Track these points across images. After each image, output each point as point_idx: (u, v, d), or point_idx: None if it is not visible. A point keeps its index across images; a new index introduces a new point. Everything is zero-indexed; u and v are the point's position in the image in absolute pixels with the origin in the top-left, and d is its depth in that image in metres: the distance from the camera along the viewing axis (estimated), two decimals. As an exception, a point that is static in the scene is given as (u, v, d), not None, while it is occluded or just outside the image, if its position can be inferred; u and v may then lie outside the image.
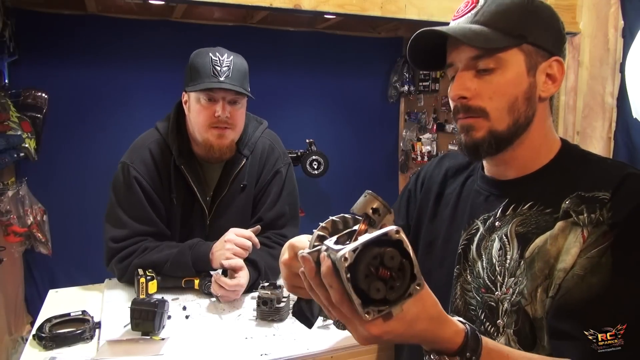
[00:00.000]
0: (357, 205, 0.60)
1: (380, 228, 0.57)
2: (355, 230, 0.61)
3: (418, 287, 0.55)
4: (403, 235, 0.55)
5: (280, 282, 1.48)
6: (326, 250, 0.58)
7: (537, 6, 0.82)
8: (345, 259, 0.53)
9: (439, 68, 0.90)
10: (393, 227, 0.55)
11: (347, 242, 0.58)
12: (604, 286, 0.71)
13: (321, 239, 0.63)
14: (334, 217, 0.65)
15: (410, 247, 0.55)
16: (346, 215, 0.65)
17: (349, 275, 0.53)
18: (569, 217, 0.77)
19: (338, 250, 0.55)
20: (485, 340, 0.65)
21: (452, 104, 0.86)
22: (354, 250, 0.53)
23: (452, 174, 1.01)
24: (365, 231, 0.59)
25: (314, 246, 0.63)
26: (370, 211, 0.59)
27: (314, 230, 0.66)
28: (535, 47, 0.81)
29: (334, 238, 0.61)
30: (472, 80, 0.82)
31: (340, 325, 0.64)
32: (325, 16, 2.65)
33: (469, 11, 0.83)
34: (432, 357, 0.63)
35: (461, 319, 0.67)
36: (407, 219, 1.06)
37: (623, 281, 0.70)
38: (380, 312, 0.54)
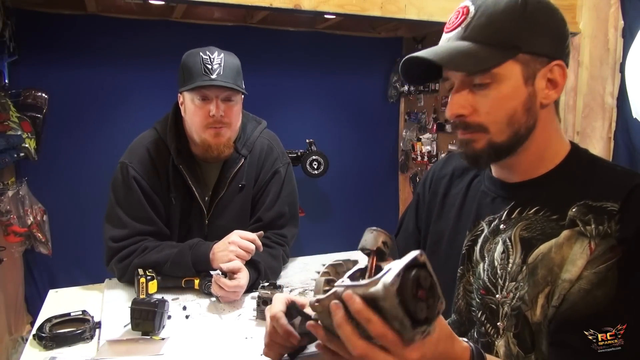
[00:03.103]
0: (367, 241, 0.61)
1: (387, 260, 0.59)
2: (364, 267, 0.61)
3: (442, 305, 0.56)
4: (426, 258, 0.56)
5: (280, 282, 1.48)
6: (348, 288, 0.57)
7: (531, 12, 0.77)
8: (392, 284, 0.53)
9: (434, 80, 0.89)
10: (417, 252, 0.55)
11: (361, 279, 0.59)
12: (608, 299, 0.70)
13: (330, 282, 0.64)
14: (332, 262, 0.66)
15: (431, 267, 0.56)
16: (342, 260, 0.66)
17: (399, 299, 0.53)
18: (575, 225, 0.76)
19: (368, 284, 0.55)
20: (490, 357, 0.66)
21: (450, 119, 0.84)
22: (398, 275, 0.53)
23: (459, 174, 1.00)
24: (377, 265, 0.60)
25: (325, 291, 0.62)
26: (381, 245, 0.61)
27: (316, 273, 0.66)
28: (532, 55, 0.77)
29: (346, 278, 0.61)
30: (467, 97, 0.80)
31: None
32: (325, 16, 2.64)
33: (460, 24, 0.79)
34: None
35: (463, 338, 0.68)
36: (417, 222, 1.06)
37: (627, 292, 0.70)
38: (422, 333, 0.55)
